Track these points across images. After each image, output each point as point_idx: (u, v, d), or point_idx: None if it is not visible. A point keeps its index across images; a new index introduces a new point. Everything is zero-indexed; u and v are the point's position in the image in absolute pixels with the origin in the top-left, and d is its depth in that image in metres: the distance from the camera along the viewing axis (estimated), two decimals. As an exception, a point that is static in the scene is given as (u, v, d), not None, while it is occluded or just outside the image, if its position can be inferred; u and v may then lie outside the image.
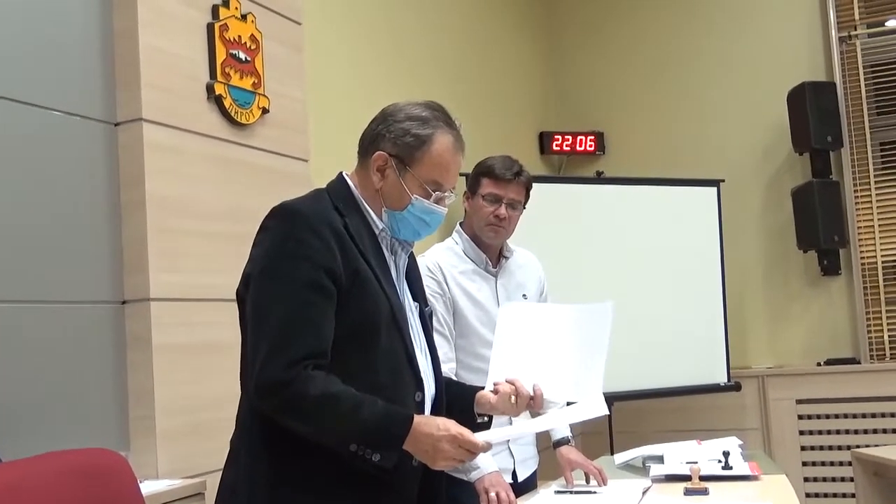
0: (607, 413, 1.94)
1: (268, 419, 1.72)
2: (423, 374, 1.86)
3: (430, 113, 1.87)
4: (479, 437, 1.75)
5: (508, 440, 2.69)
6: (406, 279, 1.95)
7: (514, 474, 2.72)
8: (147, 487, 2.24)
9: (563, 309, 2.12)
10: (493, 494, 2.29)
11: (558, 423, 2.61)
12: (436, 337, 2.53)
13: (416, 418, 1.72)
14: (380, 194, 1.86)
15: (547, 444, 2.78)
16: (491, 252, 2.77)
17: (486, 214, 2.68)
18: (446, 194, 1.88)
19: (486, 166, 2.72)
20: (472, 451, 1.73)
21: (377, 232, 1.87)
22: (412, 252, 1.99)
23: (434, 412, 1.88)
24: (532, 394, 1.93)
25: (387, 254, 1.88)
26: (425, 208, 1.86)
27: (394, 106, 1.90)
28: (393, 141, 1.84)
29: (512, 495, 2.32)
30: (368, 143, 1.88)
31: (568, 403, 2.27)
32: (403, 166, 1.84)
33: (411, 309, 1.93)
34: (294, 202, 1.81)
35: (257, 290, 1.74)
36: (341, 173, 1.93)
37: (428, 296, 2.59)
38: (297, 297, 1.69)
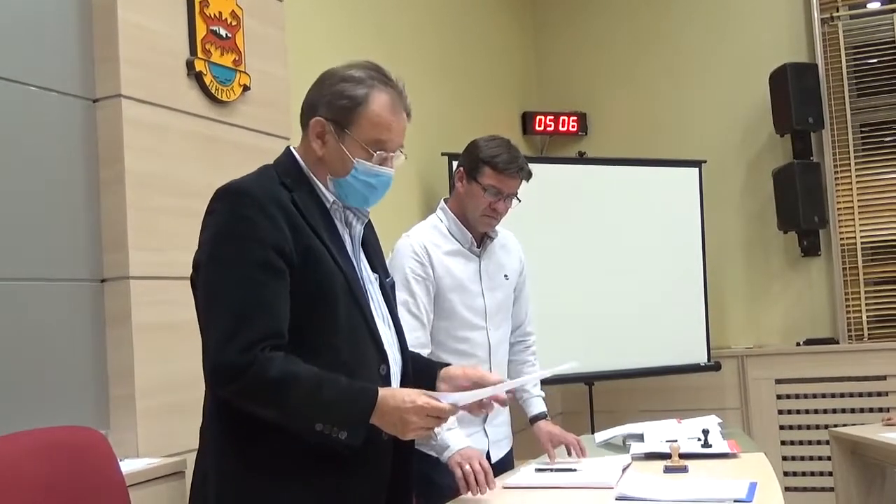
0: (578, 362, 1.94)
1: (231, 405, 1.68)
2: (386, 346, 1.82)
3: (365, 73, 1.82)
4: (446, 401, 1.73)
5: (483, 405, 2.69)
6: (364, 251, 1.91)
7: (487, 455, 2.69)
8: (127, 466, 2.23)
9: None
10: (466, 467, 2.26)
11: (530, 380, 2.64)
12: (411, 321, 2.52)
13: (382, 392, 1.69)
14: (323, 162, 1.82)
15: (522, 426, 2.78)
16: (476, 232, 2.75)
17: (483, 204, 2.64)
18: (392, 154, 1.83)
19: (490, 154, 2.62)
20: (441, 417, 1.71)
21: (328, 205, 1.83)
22: (370, 221, 1.94)
23: (403, 383, 1.86)
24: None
25: (340, 226, 1.84)
26: (369, 171, 1.81)
27: (329, 71, 1.85)
28: (328, 105, 1.80)
29: (485, 462, 2.28)
30: (306, 112, 1.84)
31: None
32: (341, 129, 1.79)
33: (370, 281, 1.89)
34: (238, 181, 1.76)
35: (207, 275, 1.70)
36: (288, 147, 1.89)
37: (411, 278, 2.58)
38: (247, 279, 1.65)
